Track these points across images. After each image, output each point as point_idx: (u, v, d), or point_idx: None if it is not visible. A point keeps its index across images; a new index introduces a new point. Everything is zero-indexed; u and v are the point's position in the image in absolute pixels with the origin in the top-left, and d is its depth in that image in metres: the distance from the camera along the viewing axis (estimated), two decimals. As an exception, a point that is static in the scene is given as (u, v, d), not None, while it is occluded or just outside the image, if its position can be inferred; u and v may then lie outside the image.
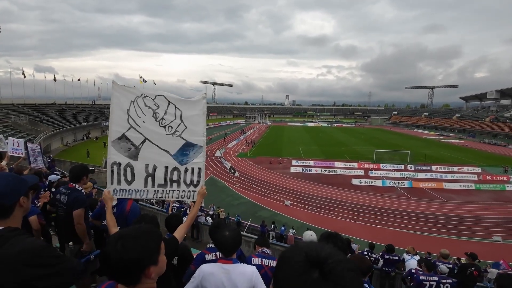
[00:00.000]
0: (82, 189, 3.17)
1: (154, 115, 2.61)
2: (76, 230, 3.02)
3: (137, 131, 2.58)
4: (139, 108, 2.57)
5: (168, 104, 2.64)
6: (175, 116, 2.66)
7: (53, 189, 4.74)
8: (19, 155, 7.86)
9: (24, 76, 45.39)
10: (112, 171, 2.55)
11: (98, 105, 59.00)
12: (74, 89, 59.20)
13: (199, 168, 2.73)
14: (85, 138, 43.63)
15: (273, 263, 2.66)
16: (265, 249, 2.76)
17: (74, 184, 3.16)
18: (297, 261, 0.66)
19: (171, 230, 2.91)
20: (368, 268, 2.50)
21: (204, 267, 1.91)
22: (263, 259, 2.64)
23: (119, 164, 2.55)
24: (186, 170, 2.70)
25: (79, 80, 59.07)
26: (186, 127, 2.68)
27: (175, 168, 2.67)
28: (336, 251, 0.69)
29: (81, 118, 47.39)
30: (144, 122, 2.59)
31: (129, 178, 2.59)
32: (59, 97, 54.67)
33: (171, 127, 2.64)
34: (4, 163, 6.57)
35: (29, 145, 7.40)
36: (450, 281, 4.71)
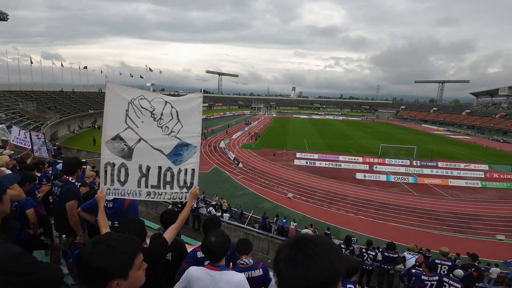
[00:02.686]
0: (75, 182, 3.18)
1: (152, 115, 2.57)
2: (70, 222, 3.05)
3: (134, 131, 2.54)
4: (137, 109, 2.54)
5: (165, 104, 2.59)
6: (172, 115, 2.60)
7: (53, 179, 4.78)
8: (24, 146, 7.95)
9: (32, 63, 45.61)
10: (106, 171, 2.52)
11: (105, 93, 59.19)
12: (81, 77, 59.37)
13: (193, 169, 2.67)
14: (95, 126, 43.96)
15: (257, 272, 2.61)
16: (244, 260, 2.66)
17: (67, 177, 3.17)
18: (288, 241, 0.87)
19: (166, 226, 2.91)
20: (352, 269, 2.42)
21: (192, 271, 1.89)
22: (246, 272, 2.55)
23: (113, 165, 2.53)
24: (179, 171, 2.64)
25: (85, 68, 59.18)
26: (182, 126, 2.63)
27: (168, 169, 2.63)
28: (323, 237, 0.87)
29: (88, 105, 47.76)
30: (143, 122, 2.56)
31: (122, 178, 2.56)
32: (67, 84, 55.20)
33: (168, 127, 2.60)
34: (7, 151, 6.67)
35: (33, 133, 7.46)
36: (459, 286, 4.62)
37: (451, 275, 5.10)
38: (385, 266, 7.00)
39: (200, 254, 2.61)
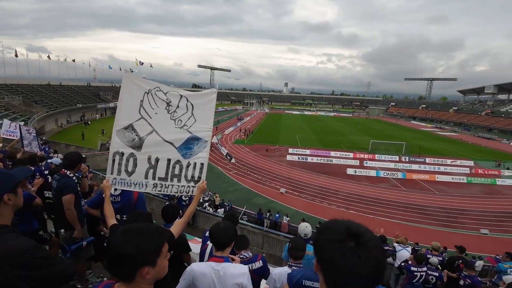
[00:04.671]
0: (73, 176, 3.16)
1: (167, 107, 2.58)
2: (66, 216, 3.04)
3: (147, 122, 2.54)
4: (153, 100, 2.54)
5: (180, 98, 2.60)
6: (187, 108, 2.61)
7: (46, 173, 4.70)
8: (13, 138, 7.78)
9: (17, 56, 44.06)
10: (114, 160, 2.50)
11: (93, 87, 57.99)
12: (69, 70, 57.67)
13: (202, 164, 2.66)
14: (86, 120, 42.88)
15: (257, 264, 2.65)
16: (243, 254, 2.71)
17: (65, 171, 3.16)
18: (339, 231, 0.84)
19: (168, 220, 2.93)
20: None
21: (195, 267, 1.91)
22: (246, 265, 2.55)
23: (122, 154, 2.51)
24: (188, 165, 2.64)
25: (73, 61, 57.58)
26: (195, 120, 2.63)
27: (177, 161, 2.62)
28: (369, 230, 0.87)
29: (76, 99, 46.63)
30: (156, 113, 2.56)
31: (130, 169, 2.55)
32: (54, 77, 53.56)
33: (181, 121, 2.60)
34: (-2, 145, 6.50)
35: (24, 128, 7.29)
36: (436, 274, 4.93)
37: (429, 265, 5.43)
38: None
39: None
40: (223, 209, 14.39)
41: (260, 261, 2.71)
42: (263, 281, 2.68)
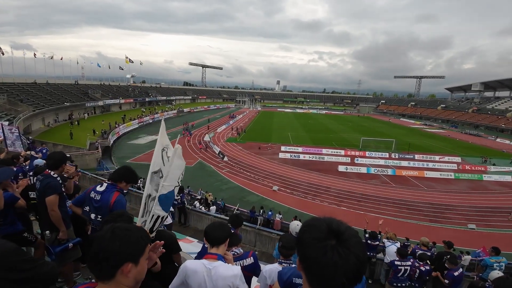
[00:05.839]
0: (57, 176, 3.07)
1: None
2: (51, 218, 2.96)
3: (161, 172, 2.45)
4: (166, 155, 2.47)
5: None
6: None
7: (30, 174, 4.56)
8: None
9: (3, 54, 42.64)
10: (145, 204, 2.43)
11: (81, 85, 56.61)
12: (56, 68, 56.13)
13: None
14: (72, 120, 41.88)
15: (248, 261, 2.65)
16: (234, 250, 2.71)
17: (49, 171, 3.06)
18: (321, 230, 0.84)
19: None
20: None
21: (188, 264, 1.90)
22: (237, 262, 2.59)
23: (149, 196, 2.43)
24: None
25: (61, 59, 56.14)
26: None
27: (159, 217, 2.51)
28: (350, 227, 0.88)
29: (63, 98, 45.53)
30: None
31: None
32: (40, 75, 52.07)
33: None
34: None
35: (7, 127, 7.05)
36: (423, 268, 5.04)
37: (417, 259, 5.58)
38: (368, 253, 7.28)
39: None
40: (215, 207, 14.33)
41: (251, 257, 2.71)
42: (254, 278, 2.67)
